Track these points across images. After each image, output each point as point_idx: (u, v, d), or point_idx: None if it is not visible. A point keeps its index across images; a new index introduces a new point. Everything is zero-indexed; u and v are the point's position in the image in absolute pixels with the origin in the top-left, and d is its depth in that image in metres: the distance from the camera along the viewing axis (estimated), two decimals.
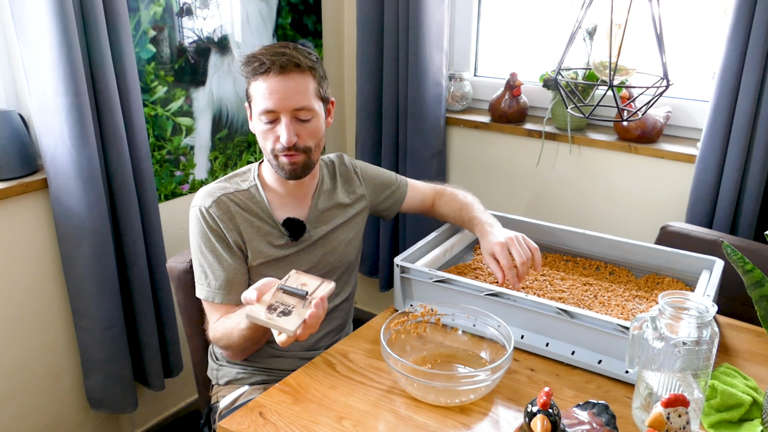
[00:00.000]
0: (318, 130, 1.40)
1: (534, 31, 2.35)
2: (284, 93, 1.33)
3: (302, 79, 1.35)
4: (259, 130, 1.39)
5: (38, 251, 1.82)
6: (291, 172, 1.39)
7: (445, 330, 1.36)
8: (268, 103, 1.34)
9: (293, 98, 1.34)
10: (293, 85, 1.34)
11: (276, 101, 1.33)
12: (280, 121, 1.35)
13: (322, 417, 1.15)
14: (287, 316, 1.12)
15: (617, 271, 1.56)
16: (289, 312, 1.12)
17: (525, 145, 2.29)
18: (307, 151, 1.39)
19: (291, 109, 1.34)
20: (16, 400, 1.86)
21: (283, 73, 1.33)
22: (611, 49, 1.06)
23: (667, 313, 1.05)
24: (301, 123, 1.36)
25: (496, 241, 1.41)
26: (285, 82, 1.33)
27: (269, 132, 1.37)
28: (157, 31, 1.94)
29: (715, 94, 1.78)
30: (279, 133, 1.35)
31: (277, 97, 1.33)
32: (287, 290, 1.16)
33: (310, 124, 1.38)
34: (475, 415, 1.15)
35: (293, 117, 1.35)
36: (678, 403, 0.91)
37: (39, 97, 1.65)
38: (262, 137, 1.39)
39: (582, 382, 1.25)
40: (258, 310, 1.13)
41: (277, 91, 1.33)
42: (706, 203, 1.87)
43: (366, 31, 2.34)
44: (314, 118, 1.38)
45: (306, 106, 1.35)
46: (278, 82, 1.33)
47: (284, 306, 1.13)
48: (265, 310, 1.12)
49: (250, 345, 1.39)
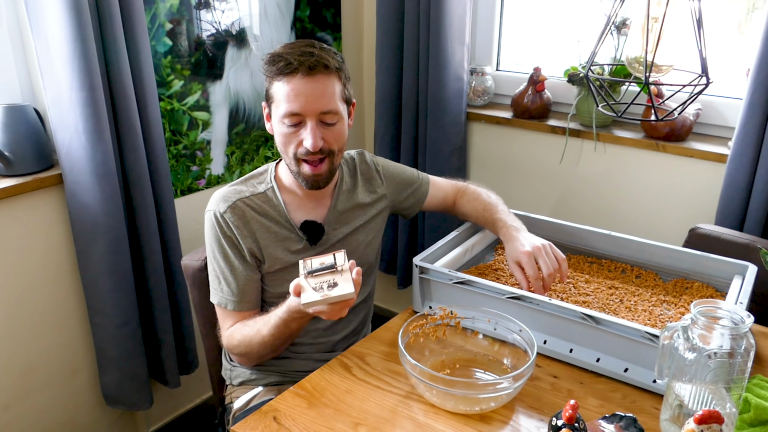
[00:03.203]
0: (343, 134, 1.36)
1: (558, 25, 2.30)
2: (311, 96, 1.28)
3: (329, 81, 1.30)
4: (281, 133, 1.33)
5: (54, 247, 1.80)
6: (313, 183, 1.36)
7: (465, 334, 1.32)
8: (294, 106, 1.28)
9: (320, 101, 1.29)
10: (320, 87, 1.29)
11: (302, 104, 1.28)
12: (304, 125, 1.30)
13: (338, 423, 1.12)
14: (335, 287, 1.14)
15: (644, 274, 1.51)
16: (335, 283, 1.14)
17: (548, 142, 2.24)
18: (331, 156, 1.34)
19: (317, 112, 1.29)
20: (33, 397, 1.85)
21: (310, 75, 1.27)
22: (647, 44, 1.00)
23: (700, 323, 1.00)
24: (326, 127, 1.32)
25: (523, 249, 1.36)
26: (312, 84, 1.28)
27: (292, 136, 1.32)
28: (174, 24, 1.92)
29: (749, 91, 1.72)
30: (303, 137, 1.30)
31: (303, 99, 1.28)
32: (316, 272, 1.18)
33: (336, 127, 1.33)
34: (495, 424, 1.11)
35: (319, 120, 1.31)
36: (712, 420, 0.86)
37: (54, 92, 1.63)
38: (283, 141, 1.33)
39: (607, 391, 1.20)
40: (309, 295, 1.14)
41: (303, 94, 1.28)
42: (738, 204, 1.81)
43: (386, 24, 2.29)
44: (339, 122, 1.34)
45: (333, 109, 1.31)
46: (305, 84, 1.28)
47: (326, 282, 1.15)
48: (314, 292, 1.14)
49: (269, 352, 1.37)
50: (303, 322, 1.29)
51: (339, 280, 1.15)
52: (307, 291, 1.14)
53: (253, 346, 1.32)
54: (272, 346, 1.32)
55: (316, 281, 1.16)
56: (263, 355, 1.39)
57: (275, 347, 1.34)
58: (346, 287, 1.13)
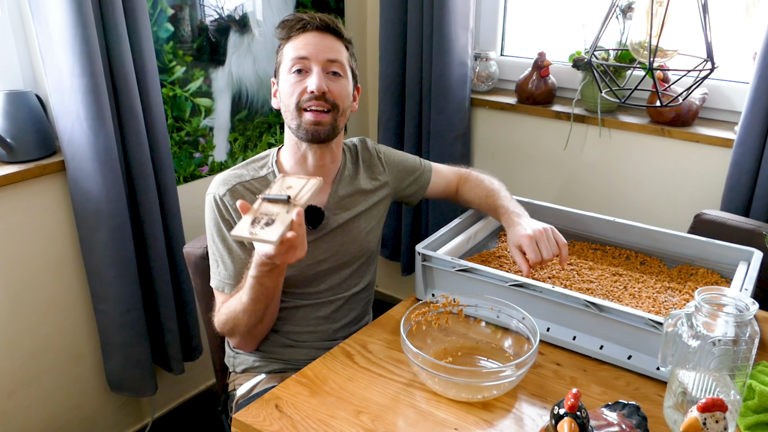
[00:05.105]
0: (347, 93, 1.38)
1: (563, 9, 2.27)
2: (319, 44, 1.33)
3: (338, 42, 1.37)
4: (287, 86, 1.35)
5: (56, 234, 1.80)
6: (314, 132, 1.34)
7: (467, 321, 1.31)
8: (301, 52, 1.33)
9: (328, 51, 1.34)
10: (329, 42, 1.35)
11: (310, 50, 1.33)
12: (310, 73, 1.33)
13: (340, 411, 1.11)
14: (270, 226, 1.02)
15: (648, 261, 1.50)
16: (272, 222, 1.03)
17: (552, 128, 2.22)
18: (335, 110, 1.35)
19: (324, 59, 1.33)
20: (37, 383, 1.86)
21: (320, 32, 1.34)
22: (651, 29, 0.99)
23: (704, 310, 0.99)
24: (331, 78, 1.35)
25: (524, 233, 1.36)
26: (321, 37, 1.34)
27: (297, 84, 1.34)
28: (176, 10, 1.90)
29: (756, 75, 1.70)
30: (308, 83, 1.33)
31: (311, 46, 1.33)
32: (270, 199, 1.06)
33: (341, 82, 1.36)
34: (498, 412, 1.11)
35: (325, 69, 1.34)
36: (716, 408, 0.85)
37: (55, 78, 1.62)
38: (288, 93, 1.35)
39: (610, 378, 1.19)
40: (242, 226, 1.02)
41: (311, 43, 1.33)
42: (744, 190, 1.79)
43: (389, 10, 2.27)
44: (345, 78, 1.37)
45: (339, 60, 1.35)
46: (314, 37, 1.34)
47: (267, 216, 1.04)
48: (249, 225, 1.02)
49: (255, 322, 1.33)
50: (275, 277, 1.24)
51: (278, 220, 1.03)
52: (243, 222, 1.03)
53: (239, 316, 1.31)
54: (255, 313, 1.30)
55: (262, 210, 1.05)
56: (251, 327, 1.35)
57: (259, 313, 1.31)
58: (273, 233, 1.00)
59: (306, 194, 1.08)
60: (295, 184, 1.10)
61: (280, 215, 1.04)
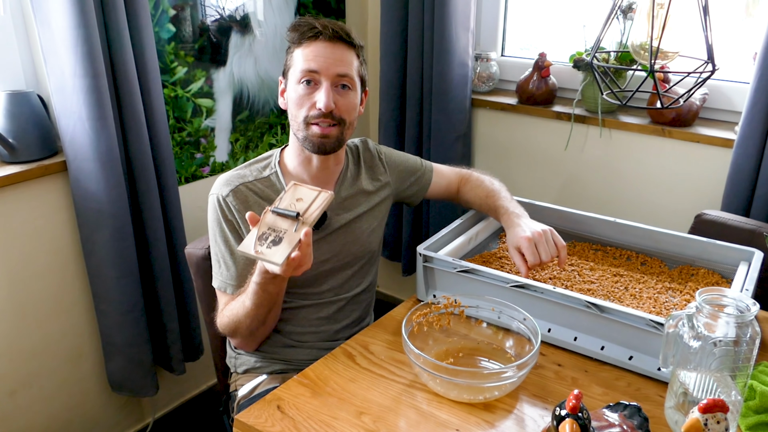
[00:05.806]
0: (355, 106, 1.38)
1: (564, 9, 2.27)
2: (330, 57, 1.32)
3: (349, 52, 1.35)
4: (295, 97, 1.35)
5: (58, 235, 1.80)
6: (320, 145, 1.35)
7: (469, 322, 1.31)
8: (311, 64, 1.32)
9: (338, 64, 1.33)
10: (339, 53, 1.33)
11: (320, 63, 1.32)
12: (319, 87, 1.33)
13: (341, 412, 1.12)
14: (277, 245, 1.00)
15: (649, 261, 1.50)
16: (279, 240, 1.01)
17: (553, 128, 2.22)
18: (341, 124, 1.35)
19: (334, 74, 1.33)
20: (38, 383, 1.87)
21: (331, 41, 1.33)
22: (652, 31, 0.99)
23: (705, 311, 0.99)
24: (340, 93, 1.34)
25: (523, 235, 1.36)
26: (332, 49, 1.33)
27: (305, 98, 1.33)
28: (178, 10, 1.90)
29: (756, 75, 1.70)
30: (317, 98, 1.32)
31: (322, 59, 1.32)
32: (280, 213, 1.05)
33: (349, 96, 1.36)
34: (499, 413, 1.11)
35: (334, 83, 1.33)
36: (717, 409, 0.86)
37: (57, 78, 1.62)
38: (296, 103, 1.35)
39: (612, 379, 1.20)
40: (248, 242, 1.01)
41: (322, 55, 1.32)
42: (744, 190, 1.80)
43: (390, 10, 2.27)
44: (353, 92, 1.37)
45: (349, 74, 1.34)
46: (325, 48, 1.32)
47: (275, 233, 1.02)
48: (256, 241, 1.01)
49: (257, 325, 1.35)
50: (278, 283, 1.26)
51: (286, 239, 1.01)
52: (249, 238, 1.03)
53: (241, 319, 1.31)
54: (257, 317, 1.31)
55: (269, 227, 1.03)
56: (253, 330, 1.37)
57: (261, 317, 1.32)
58: (279, 255, 0.99)
59: (315, 211, 1.07)
60: (306, 196, 1.09)
61: (288, 233, 1.03)
